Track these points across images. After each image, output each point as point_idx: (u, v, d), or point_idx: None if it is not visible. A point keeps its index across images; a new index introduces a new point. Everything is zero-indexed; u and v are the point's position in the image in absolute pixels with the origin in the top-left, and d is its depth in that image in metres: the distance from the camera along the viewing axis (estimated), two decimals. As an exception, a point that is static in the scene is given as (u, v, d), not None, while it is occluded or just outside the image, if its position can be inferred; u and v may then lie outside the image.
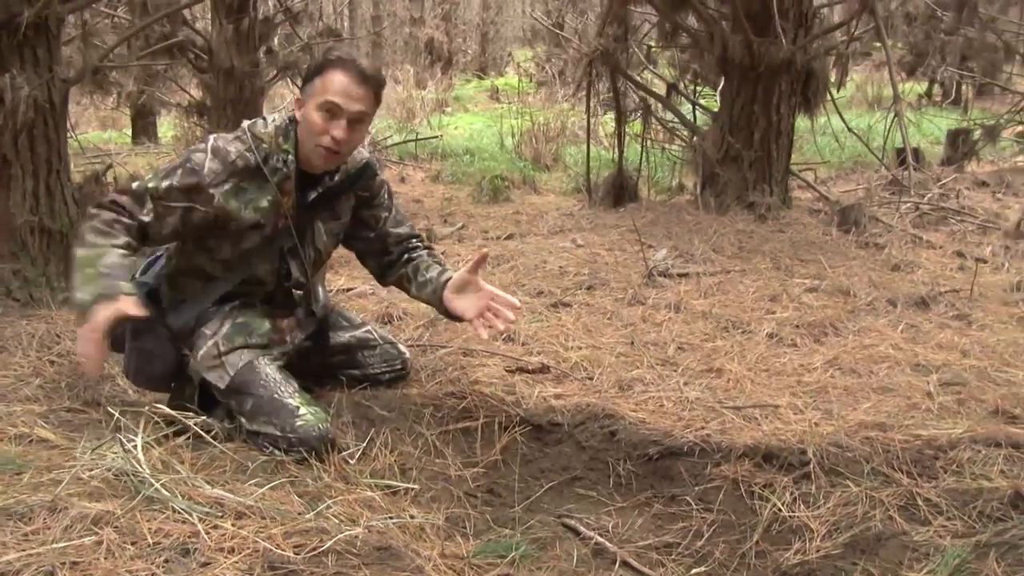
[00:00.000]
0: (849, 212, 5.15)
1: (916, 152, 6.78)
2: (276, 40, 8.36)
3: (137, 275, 2.60)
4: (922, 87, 13.19)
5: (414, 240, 2.82)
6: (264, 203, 2.45)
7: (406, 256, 2.79)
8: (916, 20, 9.92)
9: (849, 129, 6.21)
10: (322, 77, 2.39)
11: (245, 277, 2.55)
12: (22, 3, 3.40)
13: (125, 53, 7.53)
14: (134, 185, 2.41)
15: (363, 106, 2.42)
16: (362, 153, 2.65)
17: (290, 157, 2.45)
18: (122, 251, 2.34)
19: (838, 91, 6.72)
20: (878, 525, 2.05)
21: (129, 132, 11.56)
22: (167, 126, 11.77)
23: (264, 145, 2.44)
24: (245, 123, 2.50)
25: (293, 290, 2.62)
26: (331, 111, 2.38)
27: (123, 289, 2.27)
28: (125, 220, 2.36)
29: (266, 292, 2.60)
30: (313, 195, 2.54)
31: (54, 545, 1.73)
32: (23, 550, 1.72)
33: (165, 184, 2.38)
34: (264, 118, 2.51)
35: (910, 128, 7.35)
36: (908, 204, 5.59)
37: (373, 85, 2.42)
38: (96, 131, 12.55)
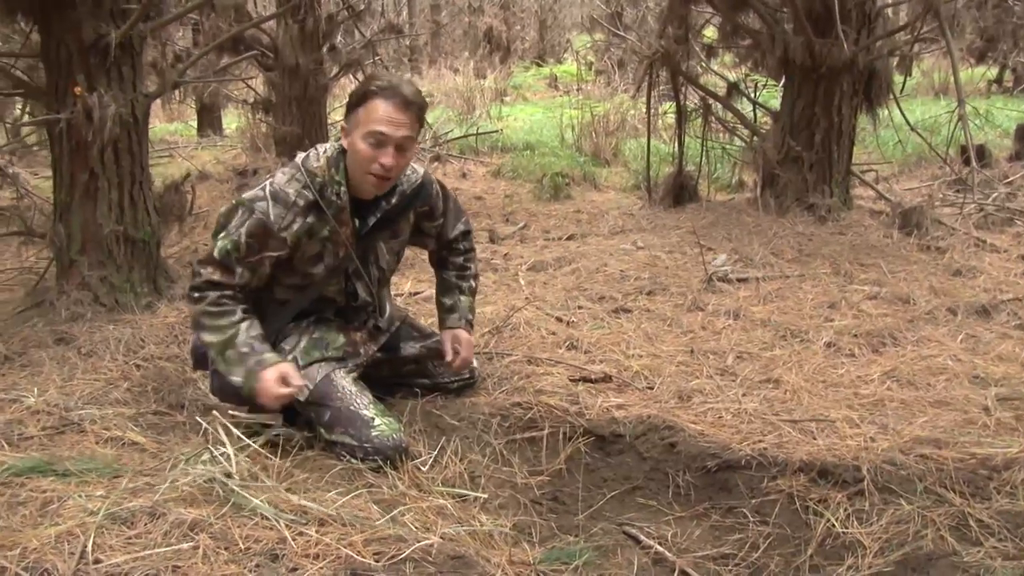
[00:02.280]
0: (910, 214, 5.12)
1: (982, 149, 6.67)
2: (339, 37, 8.52)
3: None
4: (992, 73, 12.89)
5: (455, 244, 2.99)
6: (325, 233, 2.58)
7: (444, 261, 3.03)
8: (986, 4, 9.71)
9: (912, 128, 6.14)
10: (365, 107, 2.48)
11: (315, 297, 2.69)
12: (109, 25, 3.58)
13: (194, 51, 7.74)
14: (215, 254, 2.52)
15: (408, 131, 2.51)
16: (416, 171, 2.76)
17: (342, 188, 2.56)
18: (246, 323, 2.53)
19: (902, 89, 6.62)
20: (929, 544, 2.11)
21: (194, 124, 11.84)
22: (231, 118, 12.03)
23: (318, 179, 2.54)
24: (298, 158, 2.60)
25: (359, 307, 2.76)
26: (378, 140, 2.47)
27: (270, 361, 2.49)
28: (228, 293, 2.52)
29: (337, 308, 2.73)
30: (372, 220, 2.67)
31: (156, 550, 1.88)
32: (129, 553, 1.87)
33: (241, 242, 2.50)
34: (315, 149, 2.60)
35: (977, 121, 7.24)
36: (972, 205, 5.54)
37: (415, 110, 2.52)
38: (162, 124, 12.86)
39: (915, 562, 2.06)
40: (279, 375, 2.47)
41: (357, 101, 2.51)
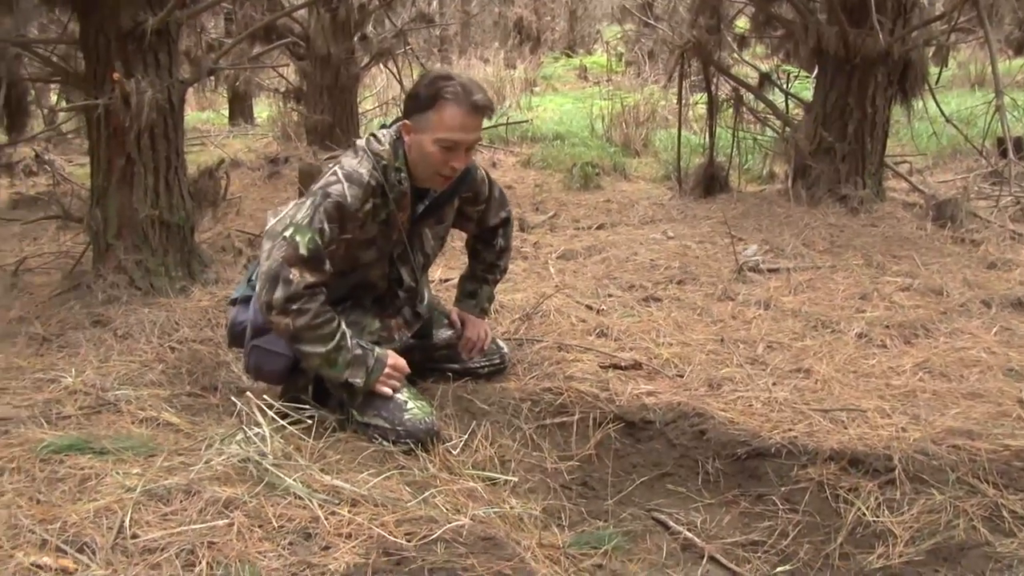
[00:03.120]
0: (945, 206, 5.07)
1: (1019, 141, 6.57)
2: (370, 27, 8.55)
3: (254, 277, 2.78)
4: (1031, 64, 12.69)
5: (493, 236, 3.04)
6: (383, 217, 2.59)
7: (478, 253, 3.09)
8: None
9: (948, 120, 6.07)
10: (437, 112, 2.48)
11: (357, 282, 2.70)
12: (146, 12, 3.62)
13: (226, 40, 7.80)
14: (302, 252, 2.42)
15: (477, 135, 2.57)
16: None
17: (403, 175, 2.58)
18: (342, 323, 2.53)
19: (937, 80, 6.53)
20: (961, 534, 2.10)
21: (226, 113, 11.94)
22: (262, 107, 12.12)
23: (383, 162, 2.56)
24: (359, 142, 2.62)
25: (401, 292, 2.77)
26: (450, 146, 2.49)
27: (381, 357, 2.56)
28: (322, 296, 2.48)
29: (376, 294, 2.75)
30: (422, 207, 2.69)
31: (192, 526, 1.92)
32: (165, 528, 1.91)
33: (324, 229, 2.45)
34: (374, 135, 2.62)
35: (1015, 113, 7.14)
36: (1008, 198, 5.46)
37: (486, 113, 2.55)
38: (194, 112, 12.97)
39: (946, 552, 2.06)
40: (394, 362, 2.58)
41: (426, 103, 2.49)
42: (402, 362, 2.61)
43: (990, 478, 2.30)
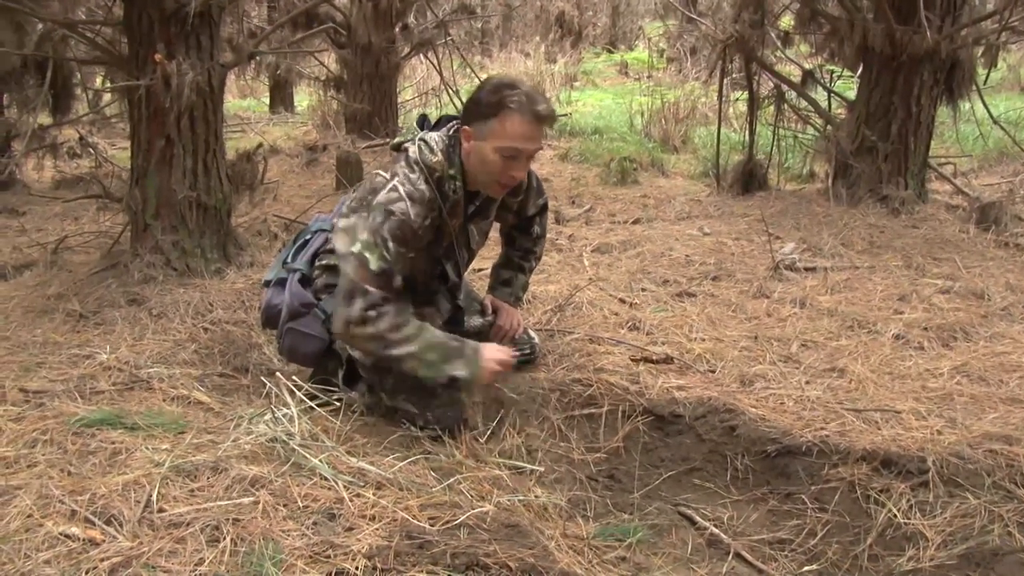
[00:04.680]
0: (990, 209, 4.97)
1: (1068, 146, 6.44)
2: (412, 17, 8.57)
3: (289, 260, 2.79)
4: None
5: (531, 224, 3.03)
6: (436, 225, 2.57)
7: (513, 241, 3.08)
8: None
9: (995, 120, 5.95)
10: (500, 120, 2.44)
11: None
12: (190, -6, 3.66)
13: (268, 27, 7.85)
14: (372, 269, 2.40)
15: (540, 144, 2.52)
16: None
17: (458, 183, 2.55)
18: (421, 321, 2.51)
19: (985, 81, 6.40)
20: (996, 540, 2.06)
21: (267, 101, 12.03)
22: (302, 96, 12.19)
23: (437, 173, 2.52)
24: (411, 151, 2.55)
25: (444, 287, 2.77)
26: (513, 155, 2.46)
27: (476, 347, 2.53)
28: (395, 303, 2.45)
29: (419, 288, 2.72)
30: (472, 209, 2.67)
31: (218, 503, 1.93)
32: (191, 504, 1.93)
33: (391, 248, 2.42)
34: (425, 141, 2.56)
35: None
36: (1055, 202, 5.35)
37: (549, 123, 2.52)
38: (235, 99, 13.09)
39: (980, 556, 2.02)
40: (494, 349, 2.56)
41: (490, 111, 2.45)
42: (506, 355, 2.57)
43: (1027, 484, 2.25)
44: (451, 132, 2.58)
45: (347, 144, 7.55)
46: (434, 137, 2.57)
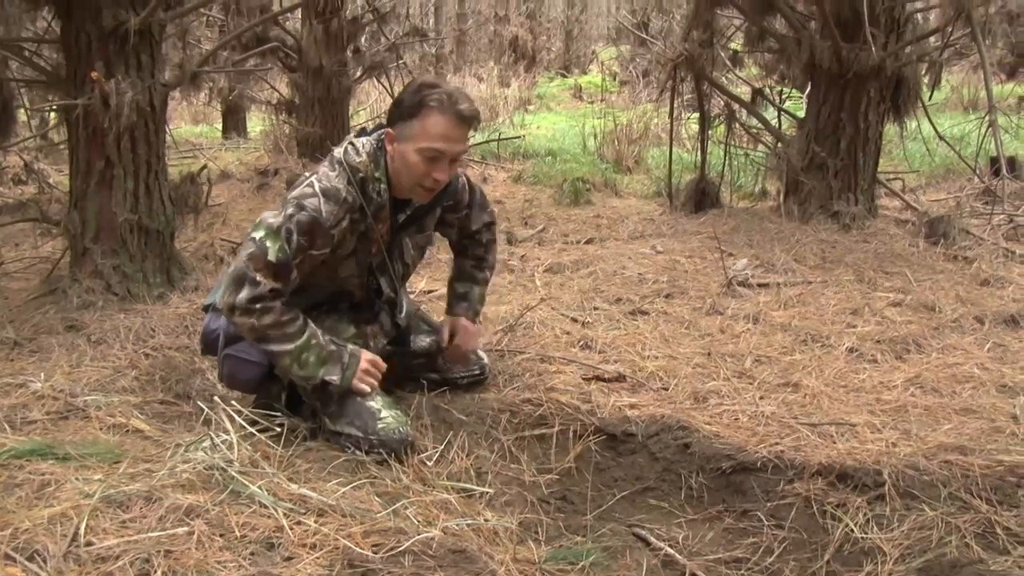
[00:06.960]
0: (938, 223, 5.02)
1: (1012, 161, 6.54)
2: (363, 40, 8.52)
3: None
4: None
5: (478, 235, 2.95)
6: (361, 229, 2.51)
7: (464, 249, 2.98)
8: (1018, 18, 9.55)
9: (940, 137, 6.03)
10: (421, 120, 2.39)
11: (335, 289, 2.62)
12: (129, 11, 3.57)
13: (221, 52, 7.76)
14: (270, 259, 2.36)
15: (463, 145, 2.47)
16: None
17: (383, 186, 2.49)
18: (308, 322, 2.46)
19: (930, 97, 6.49)
20: (954, 552, 2.03)
21: (219, 127, 11.90)
22: (255, 122, 12.08)
23: (360, 174, 2.47)
24: (337, 152, 2.51)
25: (379, 302, 2.70)
26: (434, 156, 2.40)
27: (355, 352, 2.51)
28: (285, 299, 2.41)
29: (353, 302, 2.67)
30: (402, 218, 2.61)
31: (150, 534, 1.84)
32: (122, 536, 1.83)
33: (293, 240, 2.36)
34: (353, 144, 2.52)
35: (1007, 135, 7.11)
36: (1001, 216, 5.42)
37: (472, 123, 2.45)
38: (188, 125, 12.94)
39: (938, 569, 1.99)
40: (371, 358, 2.53)
41: (410, 111, 2.41)
42: (378, 359, 2.54)
43: (983, 494, 2.22)
44: (379, 136, 2.53)
45: (298, 168, 7.45)
46: (362, 140, 2.53)
